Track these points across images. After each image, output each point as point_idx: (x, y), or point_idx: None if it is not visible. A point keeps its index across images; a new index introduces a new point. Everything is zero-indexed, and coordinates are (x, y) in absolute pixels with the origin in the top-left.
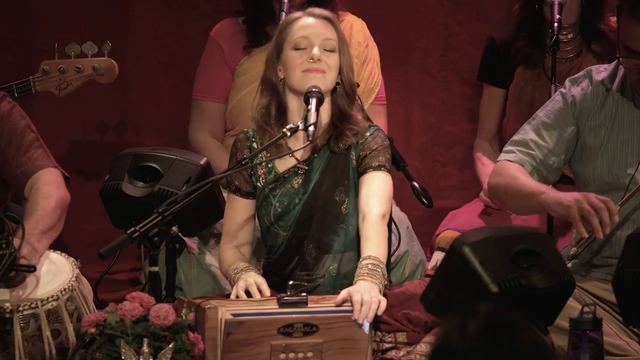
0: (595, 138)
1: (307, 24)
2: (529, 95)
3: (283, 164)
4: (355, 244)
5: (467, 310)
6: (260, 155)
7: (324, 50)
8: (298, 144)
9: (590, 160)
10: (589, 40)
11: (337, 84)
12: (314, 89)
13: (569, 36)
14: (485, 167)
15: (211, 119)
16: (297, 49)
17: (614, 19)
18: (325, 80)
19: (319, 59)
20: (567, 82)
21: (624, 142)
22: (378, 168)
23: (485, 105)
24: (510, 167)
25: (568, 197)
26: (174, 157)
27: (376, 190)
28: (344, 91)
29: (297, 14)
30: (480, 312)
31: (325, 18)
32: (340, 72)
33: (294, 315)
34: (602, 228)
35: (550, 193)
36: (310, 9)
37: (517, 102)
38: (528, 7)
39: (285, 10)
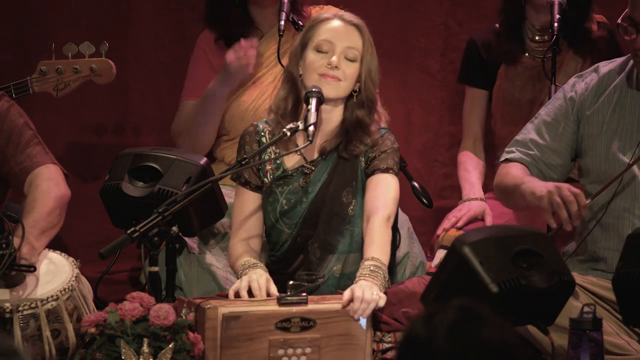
0: (593, 127)
1: (334, 28)
2: (513, 95)
3: (291, 162)
4: (360, 246)
5: (442, 303)
6: (268, 150)
7: (345, 59)
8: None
9: (590, 150)
10: (571, 40)
11: (354, 92)
12: (314, 89)
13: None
14: (468, 173)
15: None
16: (319, 51)
17: (597, 18)
18: (338, 89)
19: (336, 67)
20: (572, 79)
21: (623, 130)
22: (386, 171)
23: (467, 108)
24: (509, 166)
25: (542, 187)
26: (174, 157)
27: (382, 193)
28: (362, 101)
29: (327, 14)
30: (452, 304)
31: (354, 25)
32: (359, 81)
33: (291, 310)
34: (571, 220)
35: (528, 183)
36: (341, 13)
37: (502, 103)
38: (513, 6)
39: (285, 10)
